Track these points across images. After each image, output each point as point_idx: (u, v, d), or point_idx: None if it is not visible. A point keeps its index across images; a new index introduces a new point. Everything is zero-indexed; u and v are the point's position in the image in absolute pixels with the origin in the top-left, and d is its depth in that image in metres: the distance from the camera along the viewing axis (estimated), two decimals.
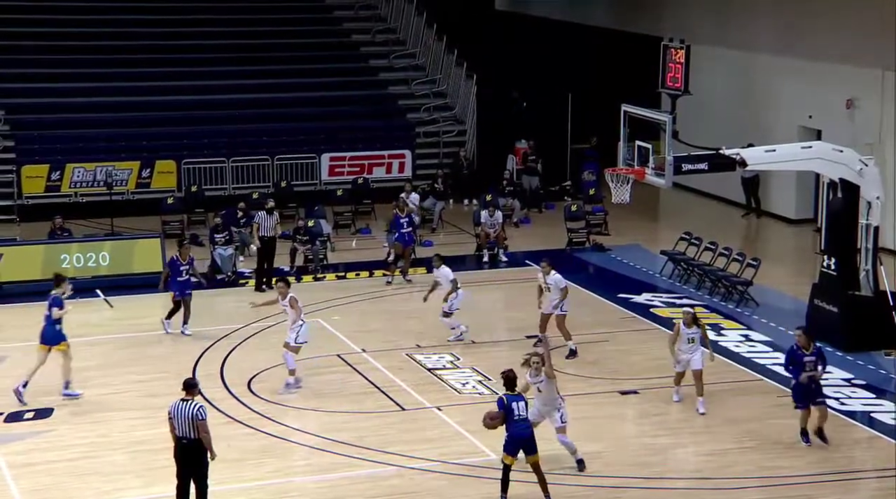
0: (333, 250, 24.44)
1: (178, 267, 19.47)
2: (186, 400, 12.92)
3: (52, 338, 16.69)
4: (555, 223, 26.31)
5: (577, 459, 14.56)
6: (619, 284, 22.44)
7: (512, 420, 13.53)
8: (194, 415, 12.77)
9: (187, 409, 12.82)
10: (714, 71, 27.40)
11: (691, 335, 16.26)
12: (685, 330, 16.29)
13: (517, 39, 34.75)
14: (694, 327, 16.29)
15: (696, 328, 16.31)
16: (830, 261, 19.15)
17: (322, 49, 32.24)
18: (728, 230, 25.50)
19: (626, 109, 19.44)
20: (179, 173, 27.88)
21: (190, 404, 12.86)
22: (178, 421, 12.86)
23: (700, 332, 16.35)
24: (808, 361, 15.20)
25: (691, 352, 16.24)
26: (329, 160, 28.91)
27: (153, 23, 31.80)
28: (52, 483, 14.37)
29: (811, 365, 15.22)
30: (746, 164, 18.97)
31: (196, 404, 12.88)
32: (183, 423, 12.83)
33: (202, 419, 12.80)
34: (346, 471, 14.64)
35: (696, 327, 16.32)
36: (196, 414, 12.78)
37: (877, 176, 18.88)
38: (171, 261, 19.66)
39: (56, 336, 16.71)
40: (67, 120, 28.81)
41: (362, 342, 19.14)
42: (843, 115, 24.76)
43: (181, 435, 12.89)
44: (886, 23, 23.59)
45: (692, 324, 16.32)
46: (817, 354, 15.36)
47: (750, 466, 14.80)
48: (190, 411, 12.79)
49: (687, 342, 16.25)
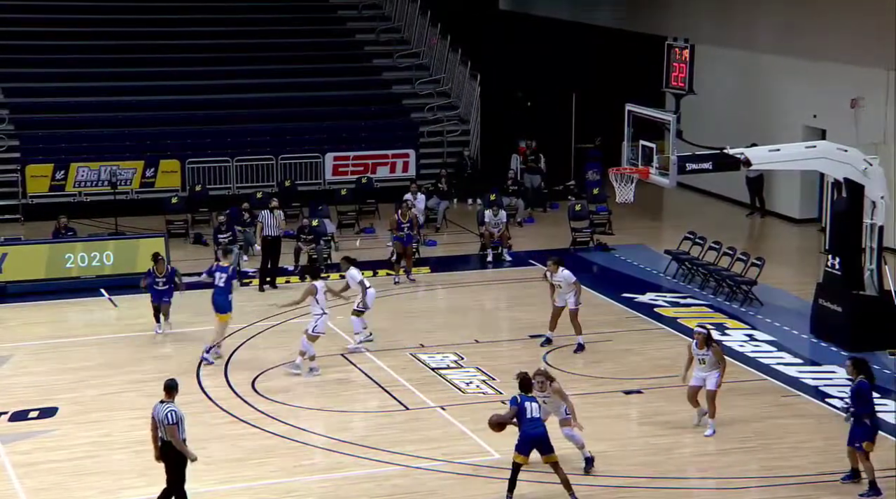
0: (337, 250, 24.44)
1: (154, 280, 19.57)
2: (164, 402, 12.97)
3: (226, 306, 18.16)
4: (559, 223, 26.30)
5: (586, 456, 14.43)
6: (622, 284, 22.43)
7: (524, 420, 13.55)
8: (162, 419, 12.84)
9: (162, 411, 12.90)
10: (718, 71, 27.38)
11: (702, 357, 15.41)
12: (696, 351, 15.48)
13: (521, 39, 34.72)
14: (705, 349, 15.40)
15: (706, 350, 15.40)
16: (835, 260, 19.12)
17: (326, 48, 32.24)
18: (732, 230, 25.48)
19: (630, 109, 19.42)
20: (183, 173, 27.89)
21: (164, 406, 12.92)
22: (158, 422, 12.97)
23: (712, 355, 15.44)
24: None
25: (704, 372, 15.50)
26: (333, 160, 28.90)
27: (157, 22, 31.80)
28: (56, 482, 14.40)
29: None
30: (751, 163, 18.94)
31: (168, 408, 12.92)
32: (159, 425, 12.93)
33: (171, 423, 12.83)
34: (351, 470, 14.64)
35: (706, 349, 15.41)
36: (164, 418, 12.83)
37: (881, 175, 18.85)
38: (148, 273, 19.72)
39: (227, 305, 18.17)
40: (71, 119, 28.82)
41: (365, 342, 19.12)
42: (848, 115, 24.72)
43: (162, 436, 12.97)
44: (890, 22, 23.56)
45: (704, 345, 15.41)
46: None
47: (754, 465, 14.78)
48: (163, 414, 12.87)
49: (699, 363, 15.55)
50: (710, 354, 15.44)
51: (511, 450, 14.53)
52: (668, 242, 24.11)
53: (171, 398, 13.02)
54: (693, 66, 18.84)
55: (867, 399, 13.93)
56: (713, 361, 15.45)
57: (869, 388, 14.00)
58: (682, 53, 18.98)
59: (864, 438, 13.88)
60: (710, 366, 15.47)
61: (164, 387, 13.15)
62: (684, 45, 18.96)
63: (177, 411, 12.94)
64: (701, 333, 15.61)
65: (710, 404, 15.54)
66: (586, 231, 25.34)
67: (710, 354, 15.45)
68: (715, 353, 15.49)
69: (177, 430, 12.87)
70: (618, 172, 19.47)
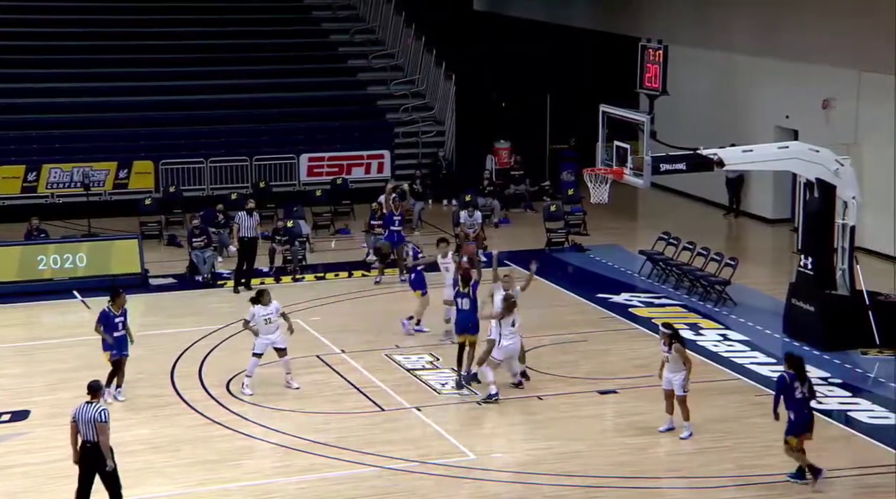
0: (313, 251, 24.40)
1: (112, 320, 16.35)
2: (91, 402, 12.88)
3: (422, 284, 19.50)
4: (534, 224, 26.36)
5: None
6: (598, 284, 22.50)
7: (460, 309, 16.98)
8: (95, 417, 12.74)
9: (90, 411, 12.78)
10: (692, 71, 27.50)
11: (667, 355, 15.38)
12: (663, 349, 15.41)
13: (496, 40, 34.78)
14: (669, 348, 15.30)
15: (667, 348, 15.31)
16: (807, 260, 19.25)
17: (301, 50, 32.18)
18: (706, 230, 25.59)
19: (604, 110, 19.47)
20: (157, 174, 27.78)
21: (93, 407, 12.82)
22: (81, 424, 12.82)
23: (674, 353, 15.29)
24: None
25: (670, 372, 15.44)
26: (308, 161, 28.87)
27: (130, 23, 31.66)
28: (30, 486, 14.30)
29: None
30: (724, 164, 19.03)
31: (99, 407, 12.83)
32: (85, 426, 12.79)
33: (103, 422, 12.75)
34: (327, 472, 14.62)
35: (670, 348, 15.29)
36: (96, 416, 12.74)
37: (852, 176, 19.00)
38: (104, 314, 16.34)
39: (422, 283, 19.54)
40: (43, 120, 28.64)
41: (341, 343, 19.12)
42: (820, 116, 24.91)
43: (85, 438, 12.84)
44: (863, 24, 23.76)
45: (668, 344, 15.30)
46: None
47: (728, 464, 14.86)
48: (92, 414, 12.76)
49: (666, 362, 15.50)
50: (672, 353, 15.36)
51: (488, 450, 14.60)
52: (643, 243, 24.20)
53: (95, 399, 12.91)
54: (666, 67, 18.92)
55: (777, 390, 14.01)
56: (676, 360, 15.35)
57: (784, 380, 14.00)
58: (655, 54, 19.04)
59: (788, 432, 13.97)
60: (674, 365, 15.37)
61: (89, 387, 13.01)
62: (658, 46, 19.04)
63: (106, 410, 12.86)
64: (663, 332, 15.56)
65: (682, 407, 15.52)
66: (561, 232, 25.41)
67: (671, 352, 15.36)
68: (677, 352, 15.37)
69: (108, 429, 12.76)
70: (592, 173, 19.52)
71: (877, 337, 18.60)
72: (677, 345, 15.39)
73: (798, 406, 13.97)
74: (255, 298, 17.01)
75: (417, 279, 19.78)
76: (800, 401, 13.99)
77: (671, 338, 15.39)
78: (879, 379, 17.68)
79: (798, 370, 14.09)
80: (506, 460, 14.84)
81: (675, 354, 15.34)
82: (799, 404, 13.98)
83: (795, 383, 13.98)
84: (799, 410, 13.97)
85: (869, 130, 24.07)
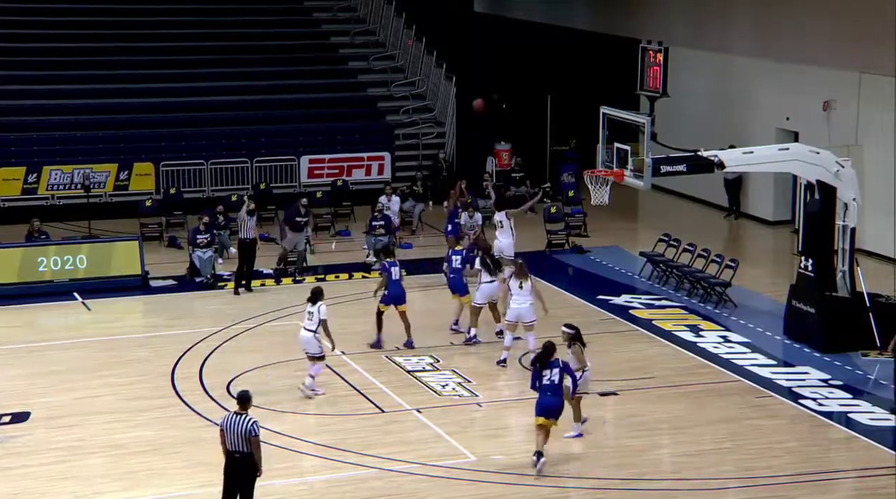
0: (313, 253, 24.40)
1: None
2: (240, 414, 12.81)
3: (463, 288, 19.53)
4: (534, 225, 26.35)
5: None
6: (598, 286, 22.49)
7: (390, 281, 18.43)
8: (249, 430, 12.69)
9: (241, 423, 12.72)
10: (692, 73, 27.51)
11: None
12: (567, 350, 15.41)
13: (496, 41, 34.80)
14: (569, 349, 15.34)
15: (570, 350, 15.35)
16: (808, 262, 19.25)
17: (301, 51, 32.18)
18: (706, 232, 25.60)
19: (604, 111, 19.48)
20: (158, 175, 27.77)
21: (244, 419, 12.76)
22: (230, 435, 12.75)
23: (571, 354, 15.32)
24: None
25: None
26: (308, 162, 28.86)
27: (130, 24, 31.64)
28: (29, 487, 14.29)
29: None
30: (724, 165, 19.02)
31: (250, 419, 12.77)
32: (235, 437, 12.73)
33: (255, 436, 12.71)
34: (327, 474, 14.63)
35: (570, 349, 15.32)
36: (250, 429, 12.70)
37: (853, 177, 18.99)
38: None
39: (463, 287, 19.57)
40: (44, 122, 28.64)
41: (342, 345, 19.07)
42: (820, 117, 24.91)
43: (233, 449, 12.77)
44: (863, 25, 23.76)
45: (568, 343, 15.32)
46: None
47: (729, 466, 14.85)
48: (244, 426, 12.69)
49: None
50: (570, 354, 15.29)
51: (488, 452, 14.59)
52: (644, 245, 24.20)
53: (244, 410, 12.83)
54: (667, 68, 18.93)
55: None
56: (572, 361, 15.20)
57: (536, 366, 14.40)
58: (656, 56, 19.05)
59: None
60: (571, 364, 15.20)
61: (238, 399, 12.98)
62: (658, 47, 19.04)
63: (257, 422, 12.79)
64: (565, 331, 15.48)
65: (574, 407, 15.33)
66: (562, 233, 25.41)
67: (569, 352, 15.28)
68: (574, 353, 15.32)
69: (259, 442, 12.76)
70: (593, 175, 19.53)
71: (877, 339, 18.59)
72: (576, 347, 15.37)
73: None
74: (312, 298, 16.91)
75: (462, 284, 19.58)
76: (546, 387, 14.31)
77: (572, 339, 15.37)
78: (880, 381, 17.68)
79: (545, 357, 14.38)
80: (506, 461, 14.83)
81: (573, 355, 15.29)
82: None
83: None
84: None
85: (869, 132, 24.08)
